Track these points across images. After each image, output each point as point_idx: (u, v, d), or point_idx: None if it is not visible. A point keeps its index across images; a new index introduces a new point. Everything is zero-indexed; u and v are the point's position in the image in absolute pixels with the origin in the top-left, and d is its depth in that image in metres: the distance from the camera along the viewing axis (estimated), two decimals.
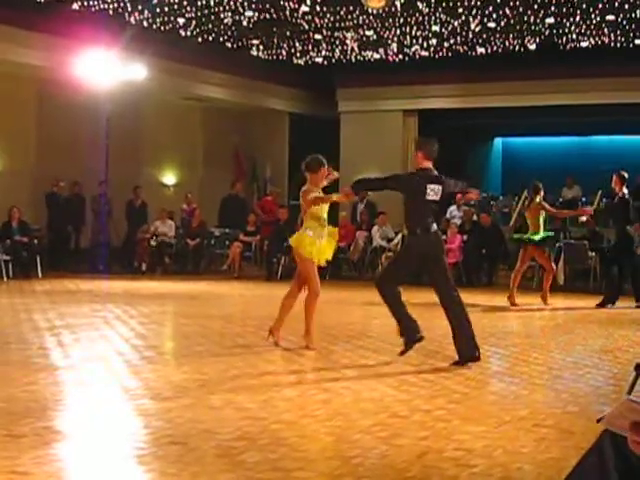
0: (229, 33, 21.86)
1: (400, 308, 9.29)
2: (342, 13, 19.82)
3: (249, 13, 19.84)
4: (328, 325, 11.76)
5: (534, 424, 6.41)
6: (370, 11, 18.93)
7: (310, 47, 23.41)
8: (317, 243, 9.75)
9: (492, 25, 20.61)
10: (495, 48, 23.02)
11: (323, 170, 9.88)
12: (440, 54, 23.80)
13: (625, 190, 15.26)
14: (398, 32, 21.53)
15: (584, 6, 18.89)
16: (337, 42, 22.73)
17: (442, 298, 9.21)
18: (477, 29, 21.04)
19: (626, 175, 15.30)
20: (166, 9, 19.54)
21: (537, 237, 15.16)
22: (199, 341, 10.29)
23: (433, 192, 9.20)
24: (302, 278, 9.88)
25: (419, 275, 12.81)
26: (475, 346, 9.03)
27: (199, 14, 20.01)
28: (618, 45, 22.20)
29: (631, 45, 22.14)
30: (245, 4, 19.13)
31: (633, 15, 19.48)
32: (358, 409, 6.79)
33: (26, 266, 18.86)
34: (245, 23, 20.76)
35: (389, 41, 22.53)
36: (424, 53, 23.71)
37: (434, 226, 9.27)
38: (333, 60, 24.81)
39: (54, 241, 21.12)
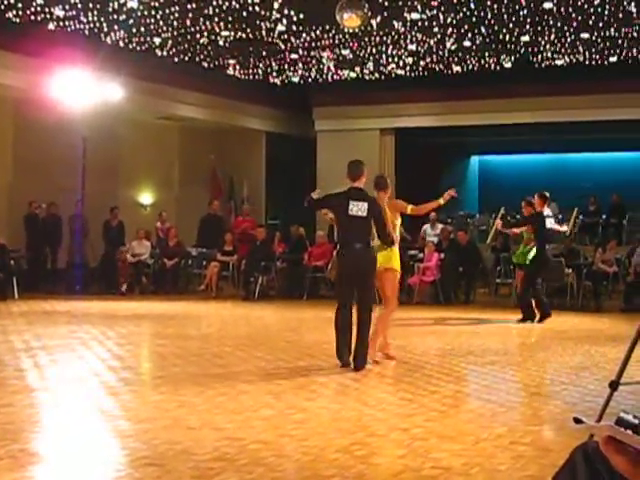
0: (205, 53, 21.90)
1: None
2: (318, 32, 19.90)
3: (225, 33, 19.88)
4: (305, 344, 11.75)
5: (511, 442, 6.41)
6: (346, 30, 18.99)
7: (286, 66, 23.47)
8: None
9: (468, 44, 20.74)
10: (471, 66, 23.15)
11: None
12: (416, 73, 23.92)
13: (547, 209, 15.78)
14: (374, 51, 21.63)
15: (559, 24, 19.04)
16: (313, 61, 22.80)
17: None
18: (453, 48, 21.16)
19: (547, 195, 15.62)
20: (142, 29, 19.56)
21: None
22: (176, 362, 10.24)
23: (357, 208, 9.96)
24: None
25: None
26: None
27: (175, 34, 20.04)
28: (593, 63, 22.37)
29: (606, 63, 22.31)
30: (221, 24, 19.17)
31: (607, 33, 19.64)
32: (335, 428, 6.78)
33: (2, 287, 18.76)
34: (221, 43, 20.81)
35: (365, 60, 22.61)
36: (400, 72, 23.82)
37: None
38: (309, 79, 24.87)
39: (31, 262, 21.01)
